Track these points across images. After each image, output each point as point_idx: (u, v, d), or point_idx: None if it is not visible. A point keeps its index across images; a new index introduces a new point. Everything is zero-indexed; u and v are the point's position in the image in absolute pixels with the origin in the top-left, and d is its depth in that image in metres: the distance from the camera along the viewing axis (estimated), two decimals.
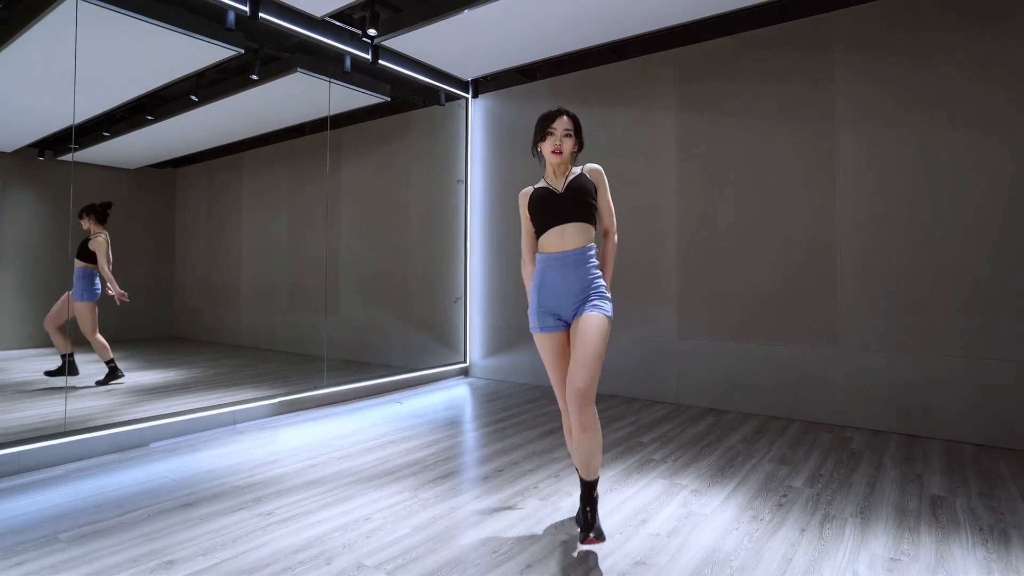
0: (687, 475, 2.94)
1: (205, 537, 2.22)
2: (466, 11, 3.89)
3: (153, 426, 3.49)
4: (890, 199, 3.78)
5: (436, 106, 5.82)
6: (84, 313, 4.49)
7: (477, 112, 5.80)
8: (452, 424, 3.98)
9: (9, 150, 5.12)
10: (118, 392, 4.51)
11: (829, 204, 3.99)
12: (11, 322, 5.01)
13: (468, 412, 4.38)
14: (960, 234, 3.56)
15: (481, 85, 5.69)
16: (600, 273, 2.22)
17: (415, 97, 5.88)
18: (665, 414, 4.22)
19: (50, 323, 4.38)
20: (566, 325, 2.20)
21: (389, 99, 5.65)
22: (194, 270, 7.53)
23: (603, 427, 3.83)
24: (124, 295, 4.62)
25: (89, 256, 4.58)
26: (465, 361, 5.84)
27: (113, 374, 4.58)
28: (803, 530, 2.30)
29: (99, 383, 4.54)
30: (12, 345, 5.02)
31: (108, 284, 4.59)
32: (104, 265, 4.63)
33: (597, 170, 2.28)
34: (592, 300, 2.15)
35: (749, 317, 4.27)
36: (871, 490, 2.74)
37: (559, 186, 2.23)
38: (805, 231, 4.07)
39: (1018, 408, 3.37)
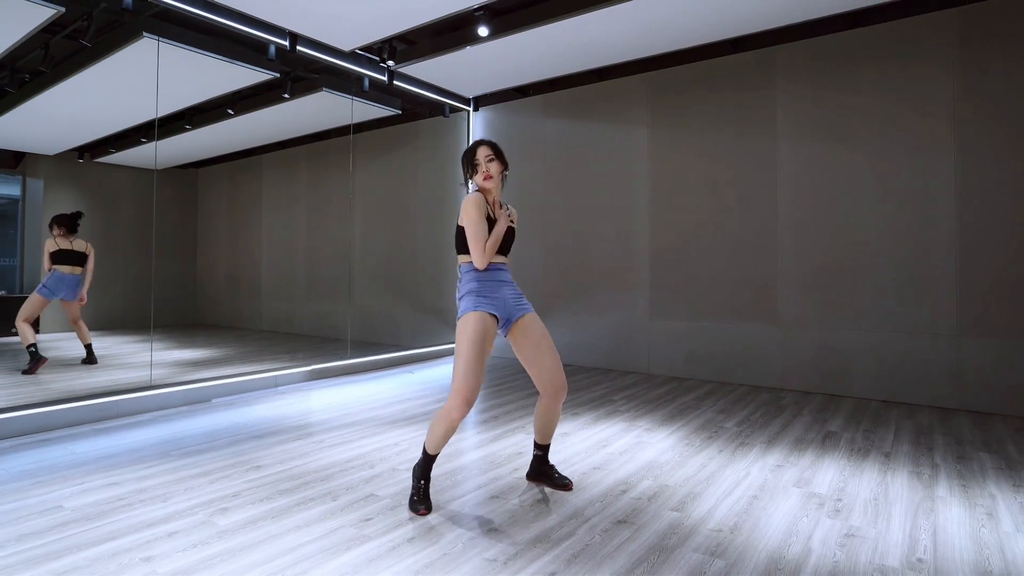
0: (644, 420, 3.74)
1: (278, 454, 3.01)
2: (468, 47, 4.67)
3: (213, 385, 4.29)
4: (819, 203, 4.58)
5: (441, 117, 6.60)
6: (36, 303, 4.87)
7: (477, 123, 6.58)
8: None
9: (51, 153, 5.90)
10: (166, 365, 5.29)
11: (771, 206, 4.78)
12: (58, 310, 5.77)
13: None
14: (873, 233, 4.36)
15: (481, 100, 6.47)
16: None
17: (423, 109, 6.65)
18: (636, 381, 5.02)
19: (21, 317, 4.69)
20: (496, 316, 2.34)
21: (400, 111, 6.43)
22: (216, 262, 8.30)
23: (582, 391, 4.63)
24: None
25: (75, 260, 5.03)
26: None
27: (34, 359, 4.68)
28: (721, 451, 3.11)
29: (25, 372, 4.65)
30: (54, 328, 5.80)
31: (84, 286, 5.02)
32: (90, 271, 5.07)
33: (515, 213, 2.52)
34: (523, 301, 2.44)
35: (706, 300, 5.07)
36: (783, 428, 3.54)
37: (502, 219, 2.39)
38: (752, 228, 4.87)
39: (912, 369, 4.18)
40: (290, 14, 4.25)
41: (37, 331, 5.41)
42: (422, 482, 2.36)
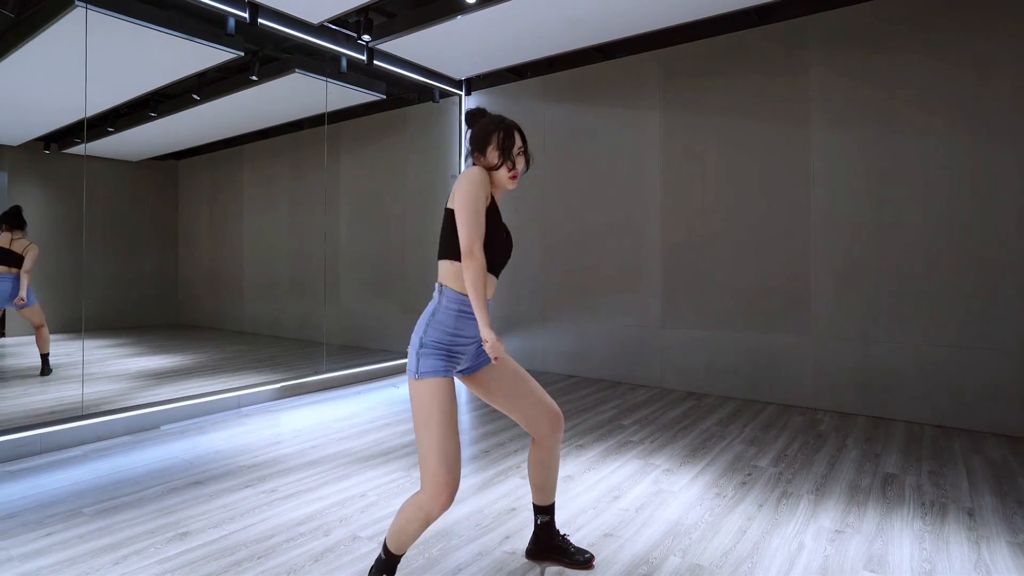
0: (661, 455, 3.17)
1: (215, 512, 2.45)
2: (459, 16, 4.05)
3: (164, 410, 3.72)
4: (860, 195, 3.96)
5: (431, 103, 5.98)
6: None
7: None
8: None
9: (16, 144, 5.31)
10: (129, 376, 4.74)
11: (803, 200, 4.17)
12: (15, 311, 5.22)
13: (460, 397, 4.60)
14: (924, 230, 3.75)
15: (474, 83, 5.84)
16: None
17: (411, 94, 6.04)
18: (648, 397, 4.44)
19: None
20: (457, 375, 1.80)
21: (385, 96, 5.82)
22: (197, 259, 7.75)
23: (587, 412, 4.06)
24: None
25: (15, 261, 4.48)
26: None
27: None
28: (760, 506, 2.53)
29: None
30: (20, 332, 5.25)
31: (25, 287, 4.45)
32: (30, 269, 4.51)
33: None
34: (483, 348, 1.77)
35: (728, 307, 4.47)
36: (830, 469, 2.96)
37: (502, 225, 1.80)
38: (780, 225, 4.26)
39: (972, 391, 3.58)
40: None
41: (2, 334, 4.89)
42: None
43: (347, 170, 6.91)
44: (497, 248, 1.75)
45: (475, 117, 1.86)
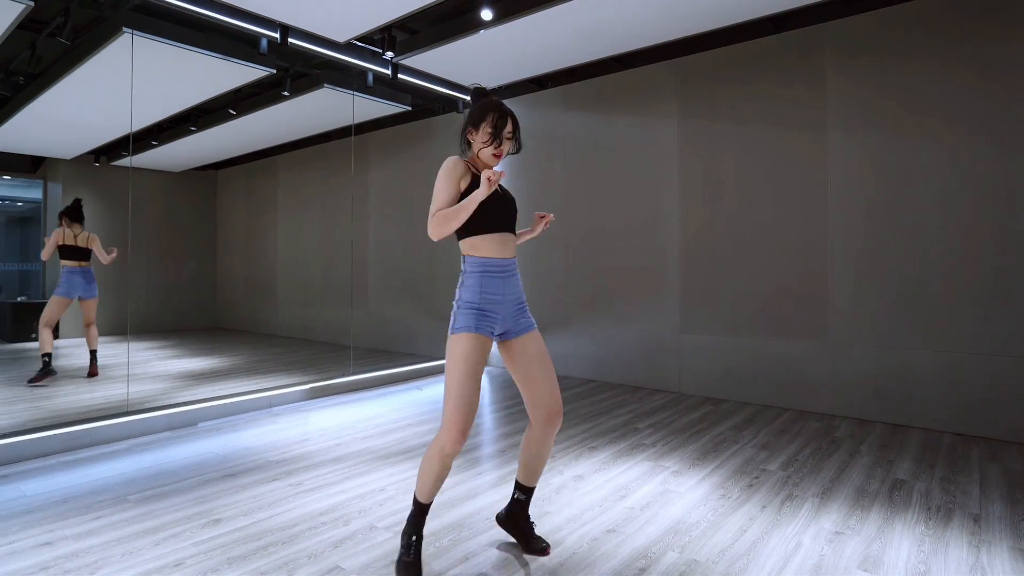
0: (672, 458, 3.24)
1: (246, 501, 2.63)
2: (473, 35, 4.21)
3: (200, 408, 3.96)
4: (877, 202, 3.96)
5: (455, 112, 6.16)
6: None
7: None
8: None
9: (69, 157, 5.70)
10: (170, 377, 5.03)
11: (820, 206, 4.18)
12: (74, 314, 5.60)
13: (484, 398, 4.74)
14: (943, 235, 3.73)
15: (496, 93, 5.99)
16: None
17: (435, 105, 6.23)
18: (665, 402, 4.50)
19: (45, 323, 4.53)
20: (492, 336, 2.00)
21: (410, 108, 6.02)
22: (234, 266, 8.10)
23: (604, 416, 4.15)
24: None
25: (83, 255, 4.82)
26: None
27: (44, 369, 4.57)
28: (764, 507, 2.58)
29: (33, 380, 4.50)
30: (76, 333, 5.62)
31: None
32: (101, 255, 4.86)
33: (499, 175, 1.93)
34: (527, 315, 2.08)
35: (745, 313, 4.50)
36: (839, 474, 2.99)
37: (483, 185, 1.88)
38: (797, 232, 4.28)
39: (992, 398, 3.55)
40: (275, 5, 3.86)
41: (56, 336, 5.25)
42: (413, 538, 1.97)
43: (376, 179, 7.15)
44: (491, 211, 1.99)
45: (477, 96, 2.13)
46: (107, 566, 2.05)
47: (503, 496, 2.69)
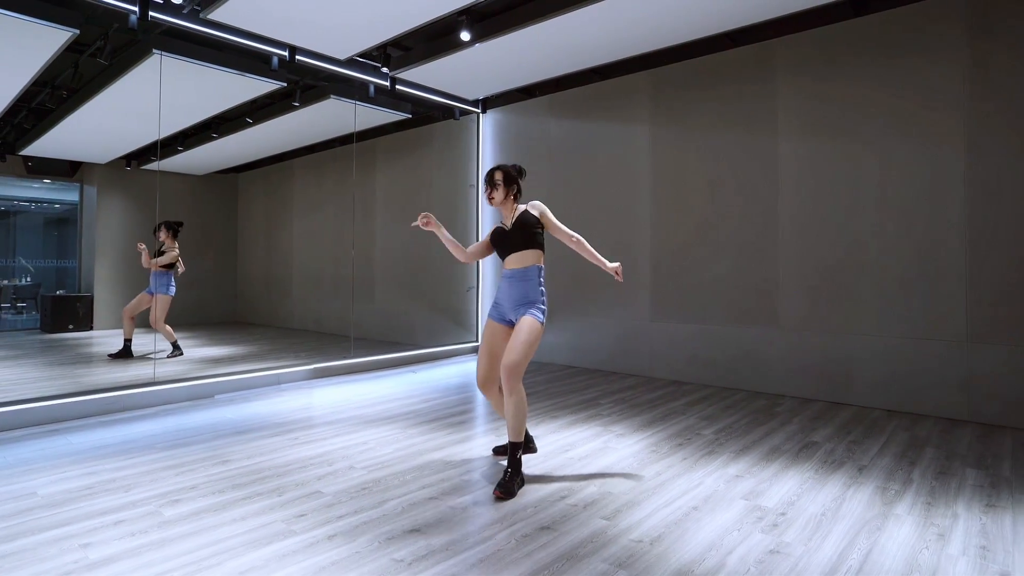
0: (621, 425, 3.69)
1: (250, 449, 3.16)
2: (463, 50, 4.72)
3: (217, 382, 4.52)
4: (822, 202, 4.36)
5: (451, 120, 6.68)
6: (164, 304, 5.63)
7: (487, 125, 6.63)
8: (452, 390, 4.85)
9: (103, 162, 6.35)
10: (191, 361, 5.61)
11: (772, 206, 4.60)
12: (108, 307, 6.24)
13: (472, 381, 5.23)
14: (879, 233, 4.12)
15: (490, 101, 6.50)
16: (544, 291, 2.85)
17: (434, 113, 6.75)
18: (634, 384, 4.94)
19: (127, 312, 5.53)
20: (506, 323, 2.82)
21: (410, 115, 6.55)
22: (253, 263, 8.71)
23: (573, 395, 4.61)
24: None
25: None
26: (476, 340, 6.70)
27: (176, 349, 5.68)
28: (684, 459, 3.03)
29: (169, 356, 5.64)
30: (108, 325, 6.25)
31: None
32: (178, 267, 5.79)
33: (537, 205, 2.90)
34: (531, 309, 2.74)
35: (708, 302, 4.93)
36: (762, 437, 3.41)
37: (508, 224, 2.86)
38: (753, 229, 4.69)
39: (920, 377, 3.93)
40: (282, 29, 4.41)
41: (91, 327, 5.96)
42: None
43: (380, 181, 7.70)
44: (497, 245, 2.94)
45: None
46: (137, 487, 2.59)
47: (448, 455, 3.17)
